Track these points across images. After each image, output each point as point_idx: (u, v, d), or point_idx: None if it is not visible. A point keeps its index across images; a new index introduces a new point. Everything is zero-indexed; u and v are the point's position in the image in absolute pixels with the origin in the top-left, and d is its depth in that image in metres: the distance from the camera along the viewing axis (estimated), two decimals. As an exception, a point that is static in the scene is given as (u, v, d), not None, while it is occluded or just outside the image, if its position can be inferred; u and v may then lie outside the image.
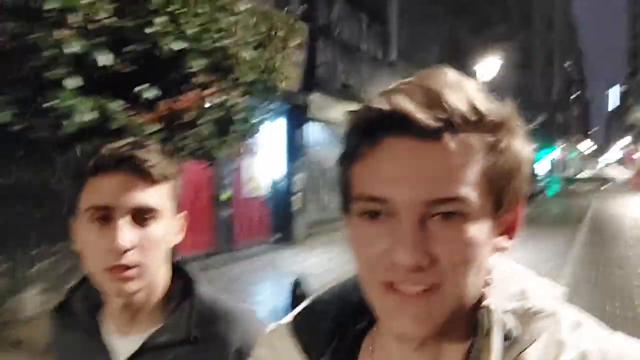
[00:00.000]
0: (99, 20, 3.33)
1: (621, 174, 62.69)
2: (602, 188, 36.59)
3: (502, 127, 0.62)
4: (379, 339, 0.73)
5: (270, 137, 11.37)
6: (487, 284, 0.66)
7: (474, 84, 0.63)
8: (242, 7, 4.21)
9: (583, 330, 0.64)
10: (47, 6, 3.14)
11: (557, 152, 53.13)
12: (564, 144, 62.85)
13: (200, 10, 3.71)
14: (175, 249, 1.14)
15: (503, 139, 0.62)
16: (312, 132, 12.86)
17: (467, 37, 25.04)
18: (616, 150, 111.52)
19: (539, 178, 37.73)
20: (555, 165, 51.62)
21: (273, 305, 6.95)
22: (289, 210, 12.26)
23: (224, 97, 4.06)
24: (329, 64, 13.21)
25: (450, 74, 0.63)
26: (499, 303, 0.64)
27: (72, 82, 3.30)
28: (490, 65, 16.33)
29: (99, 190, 1.01)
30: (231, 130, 4.46)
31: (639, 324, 6.45)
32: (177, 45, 3.62)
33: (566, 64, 76.57)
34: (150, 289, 1.08)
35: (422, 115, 0.58)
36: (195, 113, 3.93)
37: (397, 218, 0.60)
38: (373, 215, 0.62)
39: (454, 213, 0.59)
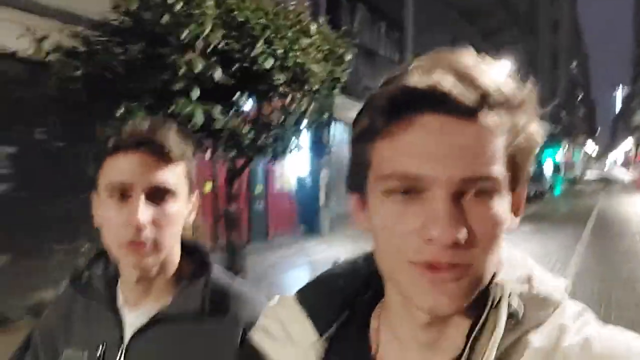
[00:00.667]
0: (214, 45, 4.25)
1: (627, 175, 63.34)
2: (607, 188, 37.17)
3: (524, 107, 0.63)
4: (385, 313, 0.73)
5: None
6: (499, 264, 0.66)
7: (496, 65, 0.63)
8: (313, 29, 5.12)
9: (586, 320, 0.65)
10: (181, 36, 4.06)
11: (562, 153, 53.72)
12: (569, 145, 63.42)
13: (286, 35, 4.61)
14: (197, 231, 1.12)
15: (524, 118, 0.63)
16: (336, 132, 13.75)
17: (477, 42, 25.88)
18: (621, 152, 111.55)
19: (546, 178, 38.39)
20: (560, 166, 52.26)
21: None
22: (315, 205, 13.20)
23: (299, 104, 4.98)
24: (352, 68, 14.10)
25: (473, 56, 0.63)
26: (507, 283, 0.65)
27: (195, 93, 4.22)
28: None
29: (118, 168, 1.04)
30: (299, 130, 5.38)
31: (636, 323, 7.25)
32: (268, 63, 4.53)
33: (572, 66, 77.15)
34: (165, 264, 1.11)
35: (461, 93, 0.58)
36: (278, 116, 4.85)
37: (431, 195, 0.59)
38: (404, 193, 0.61)
39: (486, 192, 0.60)
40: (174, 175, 1.07)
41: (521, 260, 0.70)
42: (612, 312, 6.84)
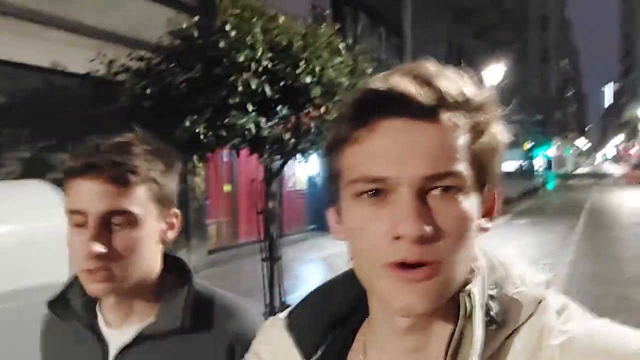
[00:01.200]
0: (264, 65, 5.02)
1: (617, 169, 64.56)
2: (598, 182, 38.14)
3: (485, 109, 0.66)
4: (371, 330, 0.74)
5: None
6: (472, 271, 0.67)
7: (455, 72, 0.66)
8: (341, 47, 5.89)
9: (569, 316, 0.65)
10: (237, 59, 4.85)
11: (554, 148, 54.65)
12: (561, 141, 64.44)
13: (322, 54, 5.39)
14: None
15: (485, 120, 0.65)
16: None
17: (470, 42, 26.70)
18: (611, 147, 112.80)
19: (538, 174, 39.24)
20: (552, 162, 53.22)
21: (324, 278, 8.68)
22: (323, 204, 13.93)
23: (331, 113, 5.76)
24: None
25: (433, 64, 0.66)
26: (484, 288, 0.65)
27: (250, 107, 5.00)
28: (495, 71, 17.99)
29: (76, 194, 1.01)
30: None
31: (628, 285, 8.15)
32: (307, 80, 5.30)
33: (562, 62, 78.26)
34: (141, 283, 1.08)
35: (419, 94, 0.61)
36: (314, 124, 5.63)
37: (397, 196, 0.61)
38: (372, 195, 0.63)
39: (451, 188, 0.62)
40: (135, 200, 1.02)
41: (499, 262, 0.70)
42: (602, 287, 7.81)
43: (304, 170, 13.60)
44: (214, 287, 1.18)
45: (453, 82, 0.65)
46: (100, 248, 0.99)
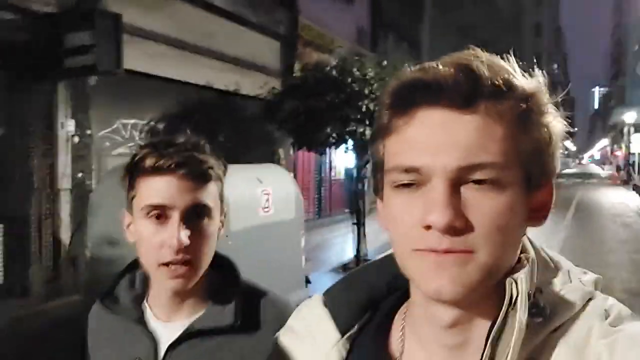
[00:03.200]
0: (376, 94, 7.79)
1: (602, 171, 68.06)
2: (585, 182, 41.03)
3: (532, 99, 0.63)
4: (410, 317, 0.73)
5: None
6: (520, 262, 0.65)
7: (502, 61, 0.64)
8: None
9: (617, 316, 0.63)
10: (364, 90, 7.62)
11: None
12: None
13: (385, 78, 8.06)
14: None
15: (532, 111, 0.63)
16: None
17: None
18: (598, 149, 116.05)
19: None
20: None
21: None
22: (358, 191, 16.73)
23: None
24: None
25: (479, 53, 0.64)
26: (532, 279, 0.63)
27: (369, 120, 7.77)
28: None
29: (157, 189, 1.05)
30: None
31: (607, 254, 11.16)
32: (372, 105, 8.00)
33: (553, 67, 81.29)
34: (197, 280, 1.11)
35: (456, 83, 0.60)
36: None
37: (431, 186, 0.61)
38: (408, 185, 0.63)
39: (486, 181, 0.60)
40: (210, 195, 1.10)
41: (551, 256, 0.70)
42: (587, 257, 10.61)
43: (342, 162, 16.35)
44: (259, 285, 1.20)
45: (496, 70, 0.62)
46: (187, 240, 1.03)
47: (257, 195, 5.11)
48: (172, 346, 1.10)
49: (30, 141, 6.80)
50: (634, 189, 28.05)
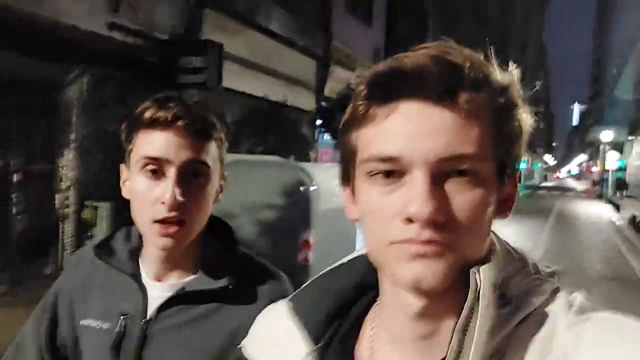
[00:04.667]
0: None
1: (579, 185, 71.23)
2: (563, 194, 43.37)
3: (507, 92, 0.63)
4: (380, 314, 0.72)
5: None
6: (487, 254, 0.64)
7: (478, 53, 0.63)
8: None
9: (581, 306, 0.64)
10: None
11: (523, 163, 59.71)
12: (530, 155, 70.15)
13: None
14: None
15: (507, 103, 0.63)
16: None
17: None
18: (575, 165, 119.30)
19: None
20: (521, 174, 58.64)
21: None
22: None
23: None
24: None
25: (454, 44, 0.63)
26: (498, 270, 0.63)
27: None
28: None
29: (154, 142, 1.01)
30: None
31: (583, 253, 13.23)
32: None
33: (536, 84, 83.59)
34: (191, 240, 1.09)
35: (439, 75, 0.59)
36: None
37: (411, 176, 0.60)
38: (385, 176, 0.61)
39: (465, 172, 0.60)
40: (210, 155, 1.06)
41: (515, 248, 0.69)
42: (566, 256, 12.59)
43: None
44: (247, 250, 1.19)
45: (474, 62, 0.61)
46: (181, 197, 1.00)
47: (333, 186, 6.91)
48: (163, 307, 1.07)
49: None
50: (607, 202, 30.57)
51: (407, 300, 0.65)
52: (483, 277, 0.61)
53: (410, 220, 0.59)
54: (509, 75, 0.64)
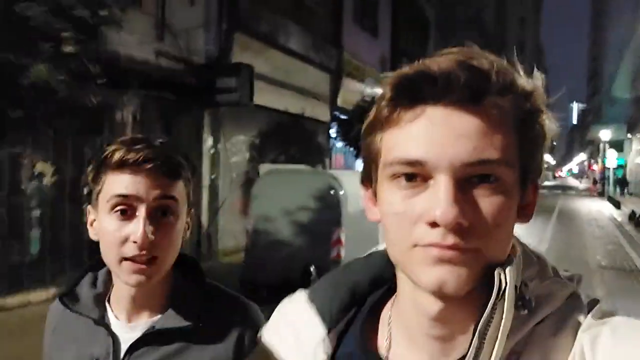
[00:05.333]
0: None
1: (580, 183, 71.76)
2: (565, 193, 43.82)
3: (532, 98, 0.63)
4: (397, 310, 0.72)
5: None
6: (512, 255, 0.64)
7: (502, 59, 0.63)
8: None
9: (598, 310, 0.64)
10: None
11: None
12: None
13: None
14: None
15: (532, 109, 0.63)
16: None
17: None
18: (576, 163, 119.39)
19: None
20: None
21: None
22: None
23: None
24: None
25: (478, 50, 0.63)
26: (518, 272, 0.63)
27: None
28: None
29: (123, 181, 1.03)
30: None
31: (584, 248, 14.21)
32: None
33: (562, 89, 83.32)
34: (160, 279, 1.09)
35: (467, 80, 0.59)
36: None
37: (436, 181, 0.59)
38: (409, 179, 0.61)
39: (490, 177, 0.59)
40: (178, 192, 1.08)
41: (534, 251, 0.70)
42: (570, 250, 13.51)
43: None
44: (216, 283, 1.20)
45: (500, 68, 0.61)
46: (152, 235, 1.01)
47: (359, 190, 7.87)
48: (132, 347, 1.08)
49: (183, 148, 9.66)
50: (608, 200, 31.36)
51: (426, 303, 0.64)
52: (508, 279, 0.60)
53: (434, 224, 0.59)
54: (534, 81, 0.64)
